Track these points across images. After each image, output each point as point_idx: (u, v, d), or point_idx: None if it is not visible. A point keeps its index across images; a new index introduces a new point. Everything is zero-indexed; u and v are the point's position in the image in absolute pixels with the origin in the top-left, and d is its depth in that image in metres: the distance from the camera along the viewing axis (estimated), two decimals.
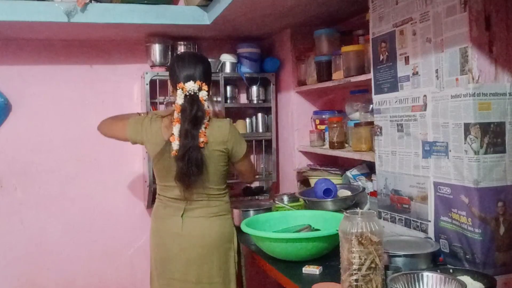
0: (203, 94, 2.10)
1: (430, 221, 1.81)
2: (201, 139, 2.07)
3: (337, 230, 1.56)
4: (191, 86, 2.08)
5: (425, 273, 1.47)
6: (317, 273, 1.82)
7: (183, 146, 2.05)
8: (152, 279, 2.26)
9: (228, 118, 2.28)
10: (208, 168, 2.09)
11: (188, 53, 2.32)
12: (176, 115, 2.09)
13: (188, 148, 2.04)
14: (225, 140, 2.14)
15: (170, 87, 2.24)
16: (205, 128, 2.10)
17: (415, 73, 1.83)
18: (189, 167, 2.04)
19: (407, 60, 1.88)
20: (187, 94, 2.08)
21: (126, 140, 2.27)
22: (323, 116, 2.99)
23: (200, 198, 2.13)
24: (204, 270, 2.11)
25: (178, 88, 2.10)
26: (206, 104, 2.12)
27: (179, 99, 2.08)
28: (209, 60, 2.26)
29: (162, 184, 2.21)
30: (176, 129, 2.07)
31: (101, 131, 2.37)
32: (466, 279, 1.47)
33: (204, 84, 2.11)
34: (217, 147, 2.13)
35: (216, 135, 2.13)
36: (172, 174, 2.10)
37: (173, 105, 2.20)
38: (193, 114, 2.06)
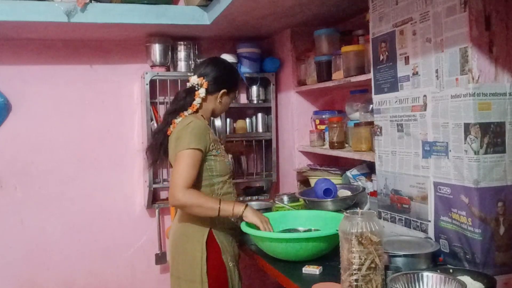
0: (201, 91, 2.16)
1: (430, 221, 1.81)
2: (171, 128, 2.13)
3: (337, 230, 1.56)
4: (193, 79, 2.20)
5: (425, 273, 1.47)
6: (317, 273, 1.82)
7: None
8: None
9: (193, 116, 2.12)
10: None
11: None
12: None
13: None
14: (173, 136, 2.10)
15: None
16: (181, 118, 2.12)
17: (415, 73, 1.83)
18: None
19: (407, 60, 1.88)
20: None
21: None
22: (323, 116, 2.99)
23: None
24: None
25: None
26: (198, 100, 2.15)
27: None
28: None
29: None
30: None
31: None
32: (466, 279, 1.47)
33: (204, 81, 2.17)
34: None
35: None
36: None
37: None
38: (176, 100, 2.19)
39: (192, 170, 1.98)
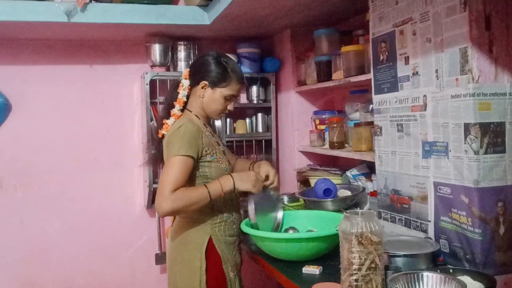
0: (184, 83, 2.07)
1: (430, 221, 1.81)
2: (163, 131, 2.03)
3: (337, 230, 1.56)
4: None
5: (425, 273, 1.47)
6: (317, 273, 1.82)
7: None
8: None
9: (186, 119, 2.01)
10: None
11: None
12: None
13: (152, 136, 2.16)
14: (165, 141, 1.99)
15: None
16: (175, 119, 2.03)
17: (415, 73, 1.83)
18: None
19: (407, 60, 1.88)
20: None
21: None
22: (323, 116, 2.99)
23: None
24: None
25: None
26: (182, 92, 2.06)
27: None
28: None
29: None
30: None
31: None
32: (466, 279, 1.47)
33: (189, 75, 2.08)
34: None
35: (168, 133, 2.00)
36: None
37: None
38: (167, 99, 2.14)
39: (181, 177, 1.84)
